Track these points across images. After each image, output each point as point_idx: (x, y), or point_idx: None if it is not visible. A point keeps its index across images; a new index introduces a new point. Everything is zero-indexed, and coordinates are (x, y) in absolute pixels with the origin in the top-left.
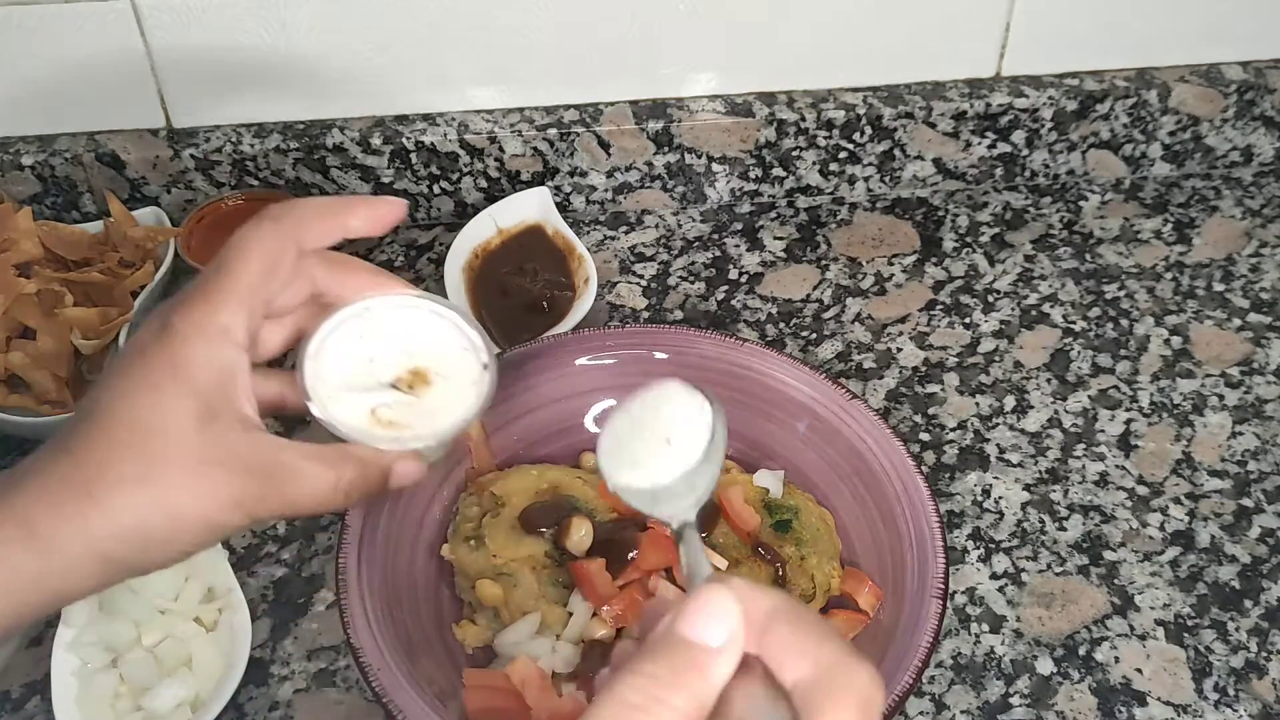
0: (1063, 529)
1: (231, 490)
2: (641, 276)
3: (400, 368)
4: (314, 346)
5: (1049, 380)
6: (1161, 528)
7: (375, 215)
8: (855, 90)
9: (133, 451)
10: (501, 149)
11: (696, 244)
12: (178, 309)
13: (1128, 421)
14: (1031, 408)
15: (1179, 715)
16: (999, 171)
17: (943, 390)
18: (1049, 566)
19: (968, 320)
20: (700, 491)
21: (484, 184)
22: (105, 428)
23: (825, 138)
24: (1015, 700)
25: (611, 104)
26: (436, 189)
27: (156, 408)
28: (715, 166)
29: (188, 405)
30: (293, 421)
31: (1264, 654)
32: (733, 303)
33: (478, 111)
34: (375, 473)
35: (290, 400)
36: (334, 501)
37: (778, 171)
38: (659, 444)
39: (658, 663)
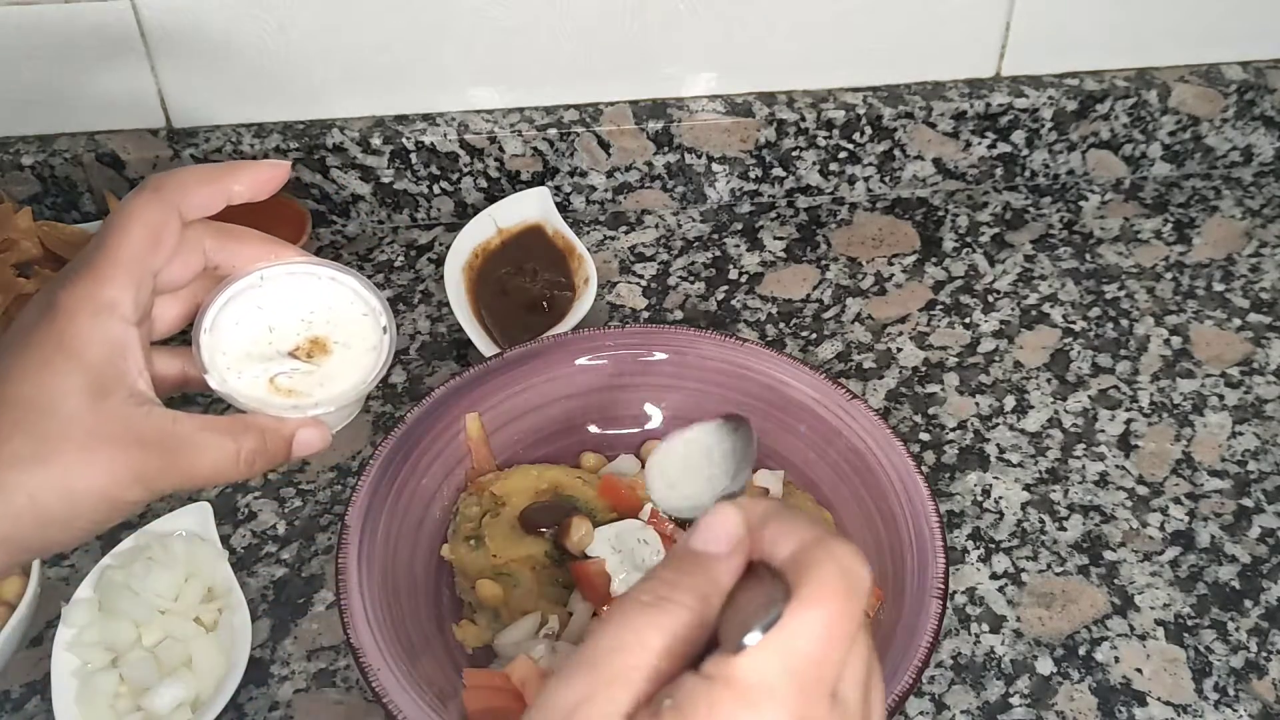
0: (1063, 529)
1: (128, 465)
2: (641, 276)
3: (299, 337)
4: (209, 319)
5: (1049, 380)
6: (1161, 528)
7: (258, 179)
8: (855, 90)
9: (23, 431)
10: (501, 149)
11: (696, 244)
12: (62, 286)
13: (1128, 421)
14: (1031, 408)
15: (1179, 715)
16: (999, 171)
17: (943, 390)
18: (1049, 566)
19: (968, 320)
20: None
21: (484, 184)
22: None
23: (825, 138)
24: (1015, 700)
25: (611, 104)
26: (436, 189)
27: (45, 386)
28: (715, 166)
29: (77, 382)
30: None
31: (1264, 654)
32: (733, 303)
33: (478, 111)
34: (277, 441)
35: (193, 376)
36: (236, 472)
37: (778, 171)
38: (697, 472)
39: (668, 569)
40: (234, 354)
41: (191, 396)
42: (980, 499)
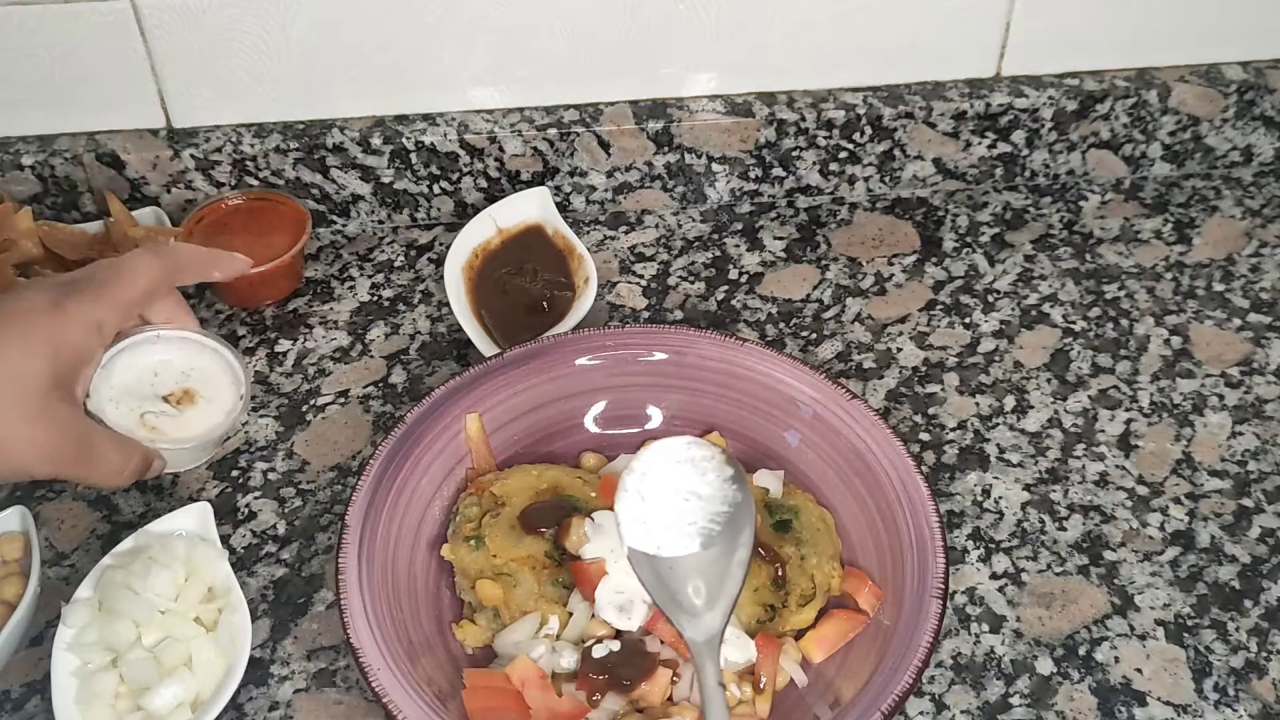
0: (1063, 529)
1: (49, 445)
2: (641, 276)
3: (176, 385)
4: (105, 357)
5: (1049, 380)
6: (1161, 528)
7: (230, 269)
8: (855, 90)
9: None
10: (501, 149)
11: (696, 244)
12: (72, 294)
13: (1128, 421)
14: (1031, 408)
15: (1179, 715)
16: (999, 171)
17: (943, 390)
18: (1049, 566)
19: (968, 320)
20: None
21: (484, 184)
22: None
23: (825, 138)
24: (1015, 700)
25: (611, 104)
26: (436, 189)
27: (21, 363)
28: (715, 166)
29: (45, 369)
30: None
31: (1264, 654)
32: (733, 303)
33: (478, 111)
34: (147, 462)
35: None
36: (118, 480)
37: (778, 171)
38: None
39: None
40: (119, 387)
41: None
42: (980, 499)
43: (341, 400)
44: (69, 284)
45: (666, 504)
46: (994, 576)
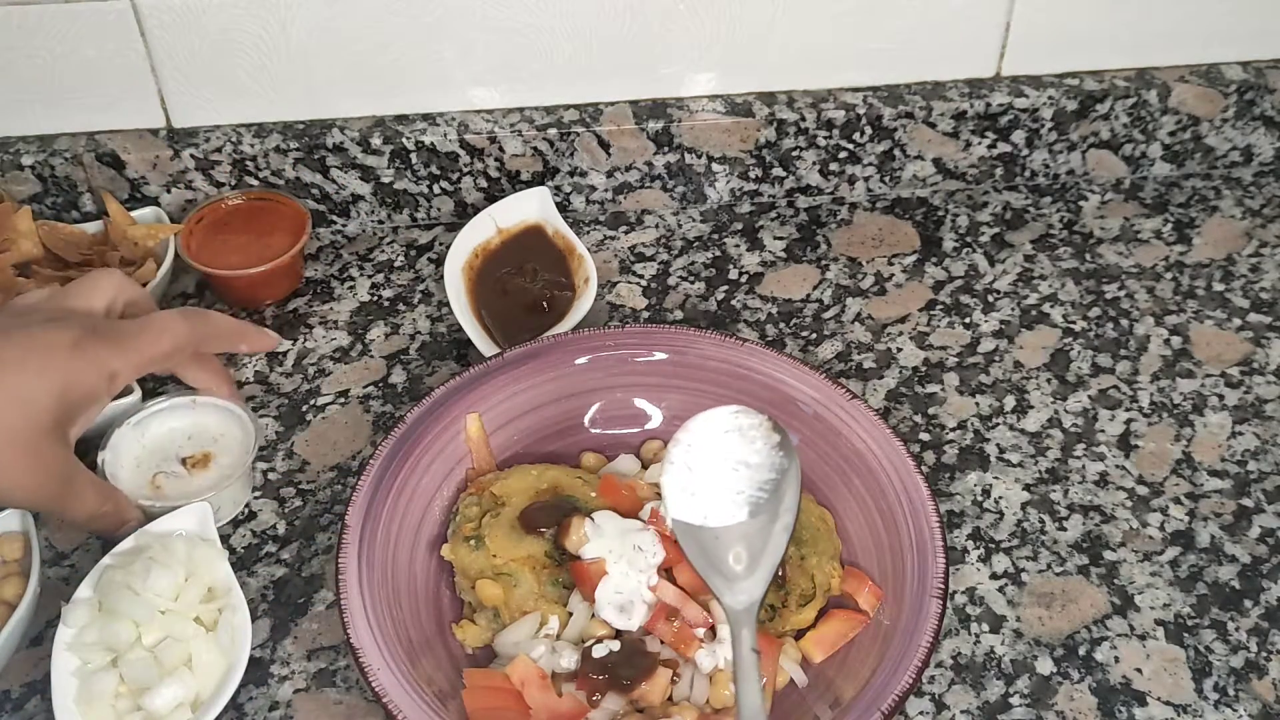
0: (1063, 529)
1: (35, 481)
2: (641, 276)
3: (199, 449)
4: (137, 417)
5: (1049, 380)
6: (1161, 528)
7: (258, 344)
8: (855, 90)
9: None
10: (501, 149)
11: (696, 244)
12: (94, 338)
13: (1128, 421)
14: (1031, 408)
15: (1179, 715)
16: (999, 171)
17: (943, 390)
18: (1049, 566)
19: (968, 320)
20: (762, 568)
21: (484, 184)
22: None
23: (825, 138)
24: (1015, 700)
25: (611, 104)
26: (436, 189)
27: (31, 394)
28: (715, 166)
29: (51, 405)
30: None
31: (1264, 654)
32: (733, 303)
33: (478, 111)
34: (122, 518)
35: None
36: (89, 524)
37: (778, 171)
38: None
39: None
40: (149, 446)
41: None
42: (980, 499)
43: (341, 400)
44: (95, 328)
45: (714, 474)
46: (994, 576)
